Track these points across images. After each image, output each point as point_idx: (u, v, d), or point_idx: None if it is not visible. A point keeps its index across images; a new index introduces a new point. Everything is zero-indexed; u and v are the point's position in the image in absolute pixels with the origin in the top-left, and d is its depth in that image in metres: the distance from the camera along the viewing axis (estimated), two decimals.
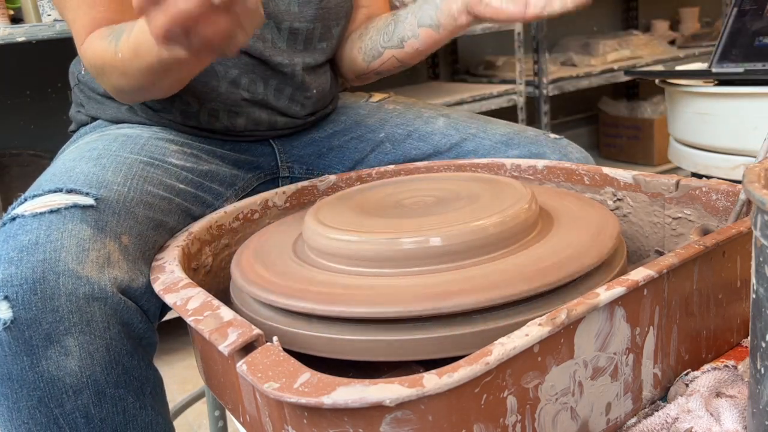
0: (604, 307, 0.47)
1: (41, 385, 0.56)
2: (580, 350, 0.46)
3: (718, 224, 0.68)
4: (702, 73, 1.56)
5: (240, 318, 0.48)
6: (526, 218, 0.60)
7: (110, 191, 0.65)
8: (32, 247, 0.57)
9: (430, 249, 0.56)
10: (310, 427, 0.41)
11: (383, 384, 0.38)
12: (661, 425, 0.50)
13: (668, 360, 0.54)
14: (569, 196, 0.72)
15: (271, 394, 0.40)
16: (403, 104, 1.00)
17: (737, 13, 1.50)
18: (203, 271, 0.72)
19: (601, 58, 2.74)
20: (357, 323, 0.53)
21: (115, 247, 0.61)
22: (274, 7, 0.86)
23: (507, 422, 0.43)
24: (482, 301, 0.51)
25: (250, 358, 0.43)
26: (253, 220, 0.79)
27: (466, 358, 0.40)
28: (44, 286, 0.55)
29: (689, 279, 0.54)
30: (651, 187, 0.74)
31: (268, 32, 0.87)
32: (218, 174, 0.84)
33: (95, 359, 0.57)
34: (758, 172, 0.43)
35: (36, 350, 0.55)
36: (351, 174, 0.88)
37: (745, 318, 0.61)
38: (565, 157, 0.87)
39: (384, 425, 0.39)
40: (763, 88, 1.33)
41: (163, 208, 0.71)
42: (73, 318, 0.56)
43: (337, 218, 0.63)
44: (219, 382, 0.59)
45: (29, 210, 0.60)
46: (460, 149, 0.92)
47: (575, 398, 0.47)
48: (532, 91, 2.50)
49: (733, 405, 0.49)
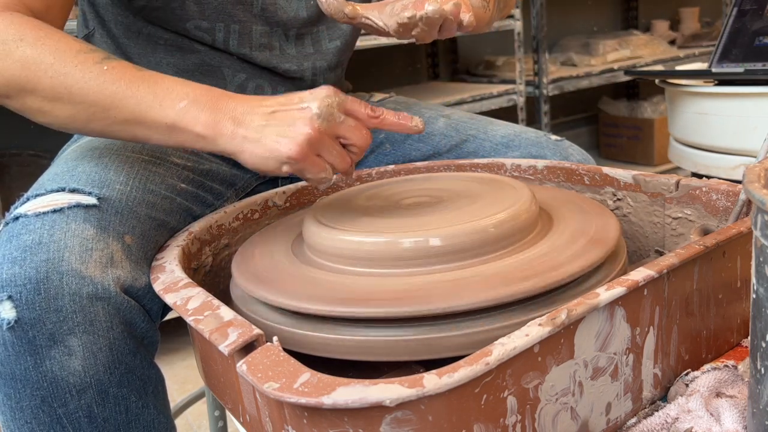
0: (604, 307, 0.47)
1: (44, 384, 0.56)
2: (580, 350, 0.47)
3: (718, 224, 0.68)
4: (702, 73, 1.56)
5: (240, 318, 0.48)
6: (526, 218, 0.60)
7: (113, 190, 0.65)
8: (36, 247, 0.57)
9: (430, 249, 0.56)
10: (310, 427, 0.41)
11: (383, 384, 0.39)
12: (661, 425, 0.50)
13: (668, 360, 0.54)
14: (569, 196, 0.72)
15: (271, 394, 0.40)
16: (403, 104, 1.00)
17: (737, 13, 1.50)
18: (203, 271, 0.72)
19: (601, 58, 2.74)
20: (357, 323, 0.53)
21: (118, 247, 0.61)
22: (282, 15, 0.85)
23: (507, 422, 0.43)
24: (482, 301, 0.51)
25: (250, 358, 0.43)
26: (253, 220, 0.79)
27: (466, 358, 0.40)
28: (48, 286, 0.55)
29: (689, 279, 0.54)
30: (651, 187, 0.74)
31: (276, 40, 0.86)
32: (219, 173, 0.84)
33: (98, 359, 0.57)
34: (758, 172, 0.43)
35: (39, 350, 0.55)
36: None
37: (745, 318, 0.61)
38: (566, 159, 0.87)
39: (384, 425, 0.39)
40: (763, 88, 1.33)
41: (165, 208, 0.71)
42: (77, 318, 0.56)
43: (336, 218, 0.63)
44: (219, 382, 0.59)
45: (32, 209, 0.60)
46: (460, 150, 0.91)
47: (575, 398, 0.47)
48: (532, 91, 2.50)
49: (733, 405, 0.49)
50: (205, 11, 0.80)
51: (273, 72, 0.87)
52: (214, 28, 0.82)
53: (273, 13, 0.84)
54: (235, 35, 0.83)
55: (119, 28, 0.84)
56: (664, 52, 2.90)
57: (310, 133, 0.59)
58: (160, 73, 0.64)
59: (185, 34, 0.82)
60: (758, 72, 1.38)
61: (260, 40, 0.85)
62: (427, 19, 0.62)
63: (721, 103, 1.41)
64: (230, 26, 0.82)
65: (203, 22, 0.81)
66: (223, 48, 0.83)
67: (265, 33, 0.85)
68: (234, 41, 0.83)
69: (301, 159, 0.60)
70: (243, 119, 0.61)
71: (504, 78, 2.52)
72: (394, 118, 0.64)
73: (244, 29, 0.83)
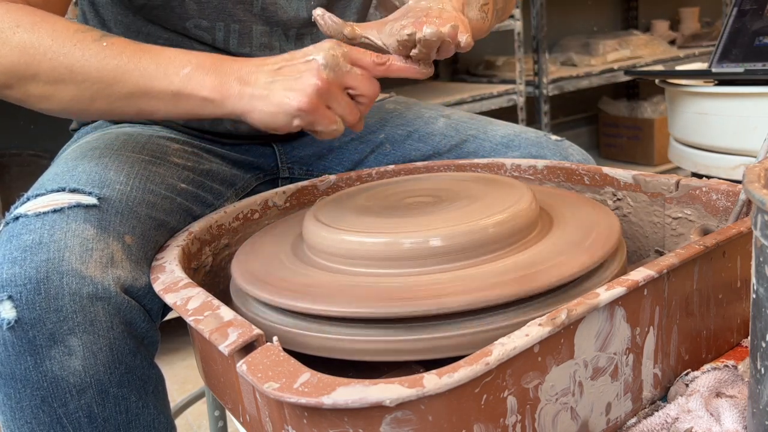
0: (604, 307, 0.47)
1: (45, 384, 0.56)
2: (580, 350, 0.47)
3: (718, 224, 0.68)
4: (702, 73, 1.56)
5: (240, 318, 0.48)
6: (526, 218, 0.60)
7: (113, 190, 0.65)
8: (36, 247, 0.57)
9: (430, 249, 0.56)
10: (310, 427, 0.41)
11: (383, 384, 0.39)
12: (661, 425, 0.50)
13: (668, 360, 0.54)
14: (569, 196, 0.72)
15: (271, 394, 0.40)
16: (403, 104, 1.00)
17: (737, 13, 1.50)
18: (203, 271, 0.72)
19: (601, 58, 2.74)
20: (357, 323, 0.53)
21: (118, 247, 0.61)
22: (283, 14, 0.84)
23: (507, 422, 0.43)
24: (482, 301, 0.51)
25: (250, 358, 0.43)
26: (253, 220, 0.79)
27: (466, 358, 0.40)
28: (48, 286, 0.55)
29: (689, 279, 0.54)
30: (651, 187, 0.74)
31: (276, 40, 0.86)
32: (219, 173, 0.84)
33: (99, 359, 0.57)
34: (758, 172, 0.43)
35: (40, 350, 0.55)
36: (351, 174, 0.88)
37: (745, 318, 0.61)
38: (566, 159, 0.87)
39: (384, 425, 0.39)
40: (763, 88, 1.34)
41: (165, 208, 0.71)
42: (77, 318, 0.56)
43: (337, 218, 0.63)
44: (219, 382, 0.59)
45: (32, 209, 0.60)
46: (460, 150, 0.91)
47: (575, 398, 0.47)
48: (532, 91, 2.50)
49: (733, 405, 0.49)
50: (205, 10, 0.80)
51: None
52: (214, 27, 0.82)
53: (273, 12, 0.84)
54: (235, 35, 0.83)
55: (119, 28, 0.84)
56: (664, 52, 2.90)
57: (318, 83, 0.59)
58: (160, 46, 0.64)
59: (185, 34, 0.82)
60: (758, 72, 1.38)
61: (260, 40, 0.85)
62: (425, 41, 0.62)
63: (721, 103, 1.41)
64: (230, 26, 0.82)
65: (203, 22, 0.81)
66: (223, 48, 0.83)
67: (266, 33, 0.85)
68: (234, 41, 0.83)
69: (312, 110, 0.60)
70: (249, 78, 0.61)
71: (504, 78, 2.52)
72: (401, 62, 0.64)
73: (244, 29, 0.83)
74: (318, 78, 0.59)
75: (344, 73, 0.61)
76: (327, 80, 0.60)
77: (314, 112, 0.60)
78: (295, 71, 0.60)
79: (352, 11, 0.92)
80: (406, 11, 0.68)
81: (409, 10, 0.68)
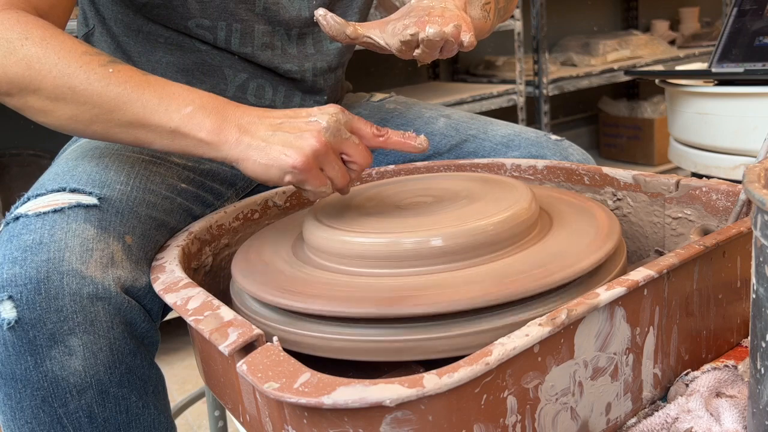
0: (604, 307, 0.47)
1: (45, 384, 0.56)
2: (580, 350, 0.47)
3: (718, 224, 0.68)
4: (702, 73, 1.56)
5: (240, 318, 0.48)
6: (526, 218, 0.60)
7: (113, 190, 0.65)
8: (36, 247, 0.57)
9: (430, 249, 0.56)
10: (310, 427, 0.41)
11: (383, 384, 0.39)
12: (661, 425, 0.50)
13: (668, 360, 0.54)
14: (569, 196, 0.72)
15: (271, 394, 0.40)
16: (403, 104, 1.00)
17: (737, 13, 1.50)
18: (203, 271, 0.72)
19: (601, 58, 2.74)
20: (357, 323, 0.53)
21: (118, 247, 0.61)
22: (285, 14, 0.84)
23: (507, 422, 0.43)
24: (482, 300, 0.51)
25: (250, 358, 0.43)
26: (253, 220, 0.79)
27: (466, 358, 0.40)
28: (48, 286, 0.55)
29: (689, 279, 0.54)
30: (651, 187, 0.74)
31: (278, 39, 0.86)
32: (219, 173, 0.84)
33: (99, 359, 0.57)
34: (758, 172, 0.43)
35: (40, 350, 0.55)
36: None
37: (745, 318, 0.61)
38: (566, 159, 0.87)
39: (384, 425, 0.39)
40: (763, 88, 1.34)
41: (165, 208, 0.71)
42: (77, 318, 0.56)
43: (337, 218, 0.64)
44: (219, 382, 0.59)
45: (33, 209, 0.60)
46: (460, 150, 0.91)
47: (575, 398, 0.47)
48: (532, 91, 2.50)
49: (733, 405, 0.49)
50: (207, 9, 0.80)
51: (274, 72, 0.87)
52: (215, 26, 0.82)
53: (275, 12, 0.84)
54: (237, 34, 0.83)
55: (119, 26, 0.84)
56: (664, 52, 2.90)
57: (317, 145, 0.60)
58: (166, 79, 0.64)
59: (186, 33, 0.82)
60: (758, 72, 1.38)
61: (262, 40, 0.85)
62: (428, 41, 0.62)
63: (721, 103, 1.41)
64: (232, 25, 0.82)
65: (205, 21, 0.81)
66: (225, 47, 0.83)
67: (267, 32, 0.85)
68: (236, 40, 0.83)
69: (306, 170, 0.60)
70: (249, 128, 0.62)
71: (504, 78, 2.52)
72: (399, 137, 0.65)
73: (246, 28, 0.83)
74: (318, 140, 0.60)
75: (343, 139, 0.62)
76: (326, 144, 0.60)
77: (307, 172, 0.60)
78: (297, 129, 0.61)
79: (354, 11, 0.92)
80: (408, 10, 0.68)
81: (411, 9, 0.68)
